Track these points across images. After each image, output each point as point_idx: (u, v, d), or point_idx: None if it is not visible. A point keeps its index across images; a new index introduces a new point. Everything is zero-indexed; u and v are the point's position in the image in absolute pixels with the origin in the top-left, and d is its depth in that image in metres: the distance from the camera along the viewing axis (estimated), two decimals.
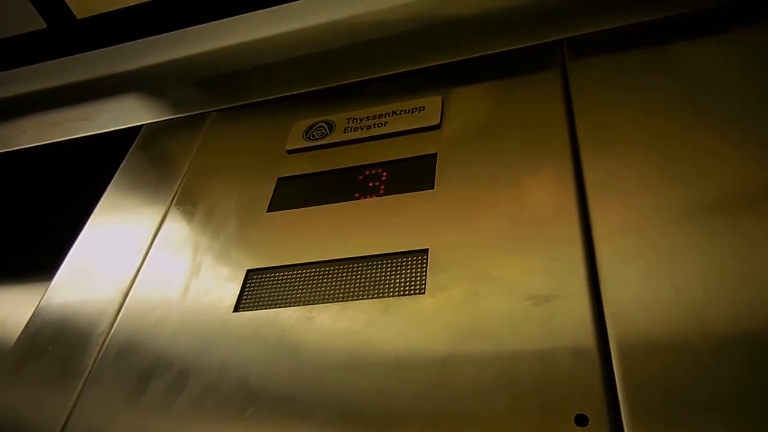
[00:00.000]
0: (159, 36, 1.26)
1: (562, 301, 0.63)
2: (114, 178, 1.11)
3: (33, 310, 0.92)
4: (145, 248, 0.93)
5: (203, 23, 1.21)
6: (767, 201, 0.64)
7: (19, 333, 0.89)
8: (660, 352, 0.56)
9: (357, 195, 0.84)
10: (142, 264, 0.90)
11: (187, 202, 0.97)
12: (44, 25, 1.28)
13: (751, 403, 0.51)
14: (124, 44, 1.29)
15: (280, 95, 1.08)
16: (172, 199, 0.99)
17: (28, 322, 0.90)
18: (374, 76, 1.02)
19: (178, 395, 0.71)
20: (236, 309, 0.77)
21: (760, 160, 0.69)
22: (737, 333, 0.56)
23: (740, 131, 0.72)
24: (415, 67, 1.00)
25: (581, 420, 0.53)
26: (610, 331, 0.59)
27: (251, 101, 1.11)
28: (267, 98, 1.09)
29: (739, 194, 0.66)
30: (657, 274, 0.62)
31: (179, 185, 1.01)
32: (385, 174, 0.85)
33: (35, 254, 1.19)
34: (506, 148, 0.81)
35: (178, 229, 0.94)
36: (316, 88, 1.06)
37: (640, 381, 0.54)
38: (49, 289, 0.94)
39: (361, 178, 0.86)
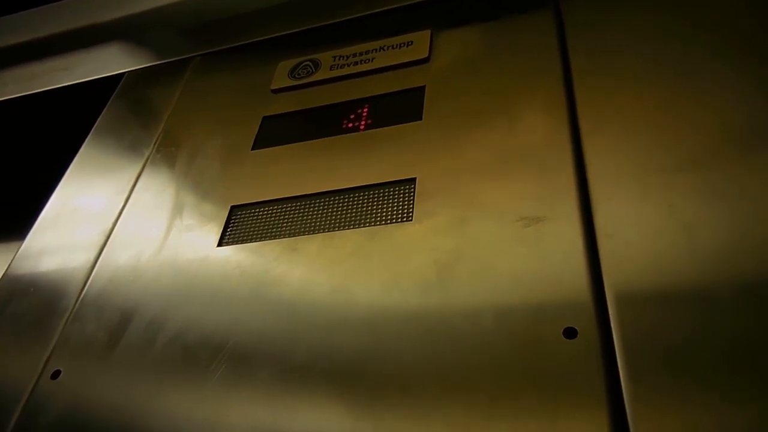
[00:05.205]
0: None
1: (553, 221, 0.61)
2: (95, 125, 1.08)
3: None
4: (128, 191, 0.90)
5: None
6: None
7: None
8: (652, 267, 0.55)
9: (344, 129, 0.82)
10: (124, 206, 0.88)
11: (170, 145, 0.95)
12: None
13: (744, 304, 0.50)
14: None
15: (265, 37, 1.05)
16: (155, 143, 0.97)
17: (9, 267, 0.88)
18: (360, 15, 0.99)
19: (160, 330, 0.69)
20: (220, 244, 0.75)
21: (750, 91, 0.66)
22: (729, 249, 0.54)
23: (737, 61, 0.70)
24: (402, 4, 0.96)
25: (570, 333, 0.52)
26: (601, 248, 0.57)
27: (235, 44, 1.07)
28: (251, 41, 1.06)
29: (735, 116, 0.64)
30: (650, 194, 0.60)
31: (162, 129, 0.99)
32: (372, 108, 0.83)
33: (17, 206, 1.17)
34: (497, 78, 0.79)
35: (160, 171, 0.91)
36: (301, 28, 1.02)
37: (631, 293, 0.53)
38: (30, 233, 0.92)
39: (347, 113, 0.84)
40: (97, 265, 0.81)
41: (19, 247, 0.91)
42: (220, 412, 0.60)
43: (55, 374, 0.69)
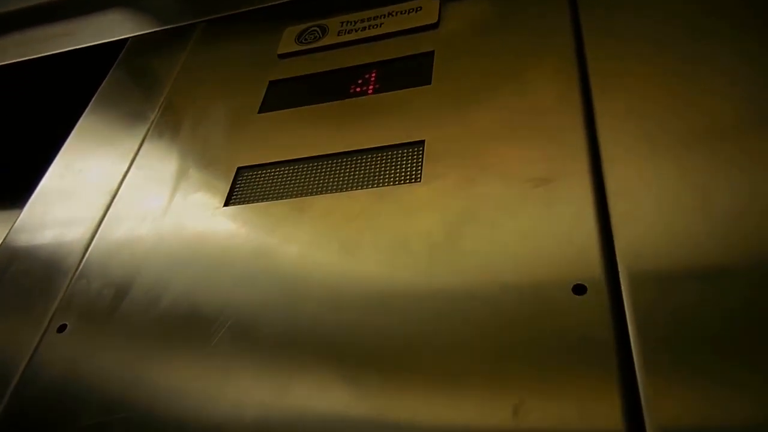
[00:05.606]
0: None
1: (562, 182, 0.61)
2: (98, 90, 1.07)
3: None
4: (132, 153, 0.90)
5: None
6: None
7: None
8: (663, 227, 0.55)
9: (351, 94, 0.81)
10: (129, 168, 0.88)
11: (175, 109, 0.94)
12: None
13: (757, 267, 0.50)
14: None
15: (271, 3, 1.04)
16: (159, 108, 0.96)
17: (12, 229, 0.88)
18: None
19: (166, 288, 0.69)
20: (226, 204, 0.75)
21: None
22: (744, 214, 0.54)
23: (747, 25, 0.69)
24: None
25: (579, 289, 0.52)
26: (612, 208, 0.57)
27: (241, 10, 1.06)
28: (257, 7, 1.05)
29: (754, 88, 0.64)
30: (663, 156, 0.60)
31: (166, 94, 0.98)
32: (380, 73, 0.82)
33: (18, 171, 1.16)
34: (507, 43, 0.78)
35: (165, 134, 0.91)
36: None
37: (642, 252, 0.53)
38: (32, 197, 0.92)
39: (355, 77, 0.83)
40: (103, 224, 0.81)
41: (24, 207, 0.91)
42: (222, 372, 0.59)
43: (61, 328, 0.69)
